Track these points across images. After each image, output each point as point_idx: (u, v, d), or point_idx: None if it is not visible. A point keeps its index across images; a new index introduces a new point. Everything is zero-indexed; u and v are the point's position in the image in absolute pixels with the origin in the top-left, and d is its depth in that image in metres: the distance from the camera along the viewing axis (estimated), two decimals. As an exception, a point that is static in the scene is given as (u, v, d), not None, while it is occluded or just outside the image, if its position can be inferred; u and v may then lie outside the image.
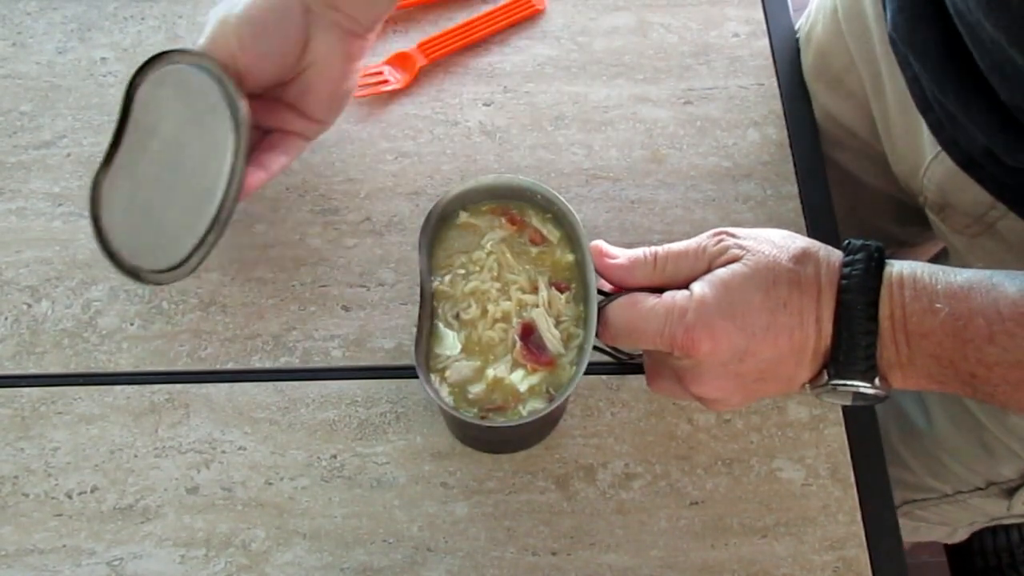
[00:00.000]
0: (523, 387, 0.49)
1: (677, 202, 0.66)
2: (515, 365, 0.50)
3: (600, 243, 0.50)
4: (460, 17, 0.74)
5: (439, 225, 0.53)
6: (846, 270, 0.45)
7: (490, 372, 0.50)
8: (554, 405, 0.48)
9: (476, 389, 0.50)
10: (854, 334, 0.44)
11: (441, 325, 0.51)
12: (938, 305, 0.43)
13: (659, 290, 0.48)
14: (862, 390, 0.45)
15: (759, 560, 0.55)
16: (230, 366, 0.60)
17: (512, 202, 0.55)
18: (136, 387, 0.59)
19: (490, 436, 0.55)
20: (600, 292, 0.50)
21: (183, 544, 0.55)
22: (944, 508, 0.76)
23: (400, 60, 0.71)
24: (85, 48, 0.73)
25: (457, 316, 0.51)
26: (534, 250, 0.54)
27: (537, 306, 0.51)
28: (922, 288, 0.44)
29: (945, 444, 0.70)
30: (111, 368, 0.60)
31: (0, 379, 0.60)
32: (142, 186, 0.57)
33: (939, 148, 0.58)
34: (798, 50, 0.73)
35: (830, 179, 0.67)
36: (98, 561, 0.54)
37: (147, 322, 0.62)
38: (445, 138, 0.69)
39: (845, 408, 0.58)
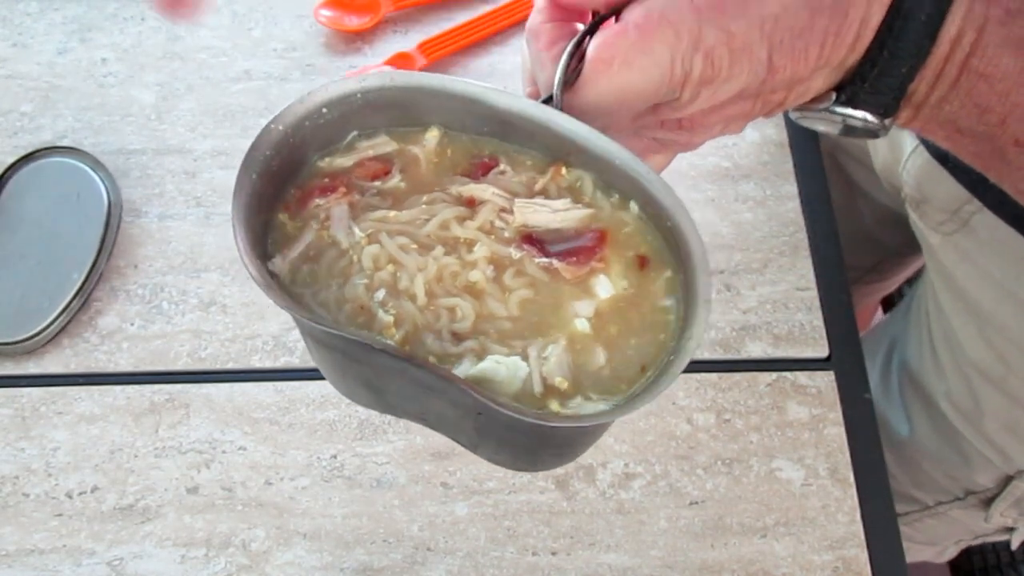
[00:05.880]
0: (626, 284, 0.34)
1: (677, 202, 0.66)
2: (583, 283, 0.34)
3: None
4: (460, 17, 0.74)
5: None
6: None
7: (580, 324, 0.34)
8: (690, 238, 0.32)
9: (600, 358, 0.33)
10: (899, 51, 0.32)
11: (467, 369, 0.33)
12: None
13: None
14: (863, 124, 0.35)
15: (759, 560, 0.55)
16: (230, 366, 0.60)
17: (300, 178, 0.36)
18: (136, 387, 0.59)
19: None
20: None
21: (183, 544, 0.55)
22: (927, 523, 0.76)
23: (400, 60, 0.71)
24: (85, 49, 0.73)
25: (456, 336, 0.34)
26: (394, 180, 0.36)
27: (506, 209, 0.35)
28: (1017, 10, 0.32)
29: (925, 452, 0.71)
30: (111, 368, 0.60)
31: (0, 379, 0.60)
32: (6, 264, 0.62)
33: (917, 141, 0.58)
34: None
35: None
36: (98, 561, 0.54)
37: (147, 322, 0.62)
38: (445, 138, 0.69)
39: (845, 408, 0.59)
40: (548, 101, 0.34)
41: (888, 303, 1.39)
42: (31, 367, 0.60)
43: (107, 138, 0.68)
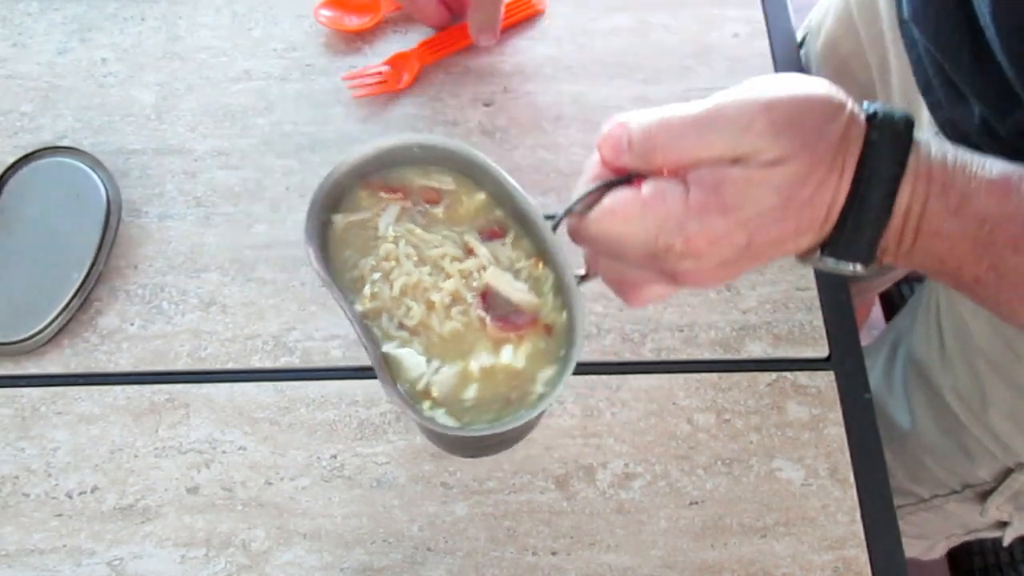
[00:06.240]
0: (521, 362, 0.44)
1: (677, 202, 0.66)
2: (497, 343, 0.44)
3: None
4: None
5: (324, 238, 0.46)
6: (868, 151, 0.39)
7: (474, 365, 0.44)
8: (571, 363, 0.42)
9: (471, 393, 0.44)
10: (862, 225, 0.40)
11: (392, 348, 0.44)
12: (967, 208, 0.39)
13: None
14: (851, 271, 0.42)
15: (759, 560, 0.55)
16: (230, 366, 0.60)
17: (383, 173, 0.48)
18: (136, 387, 0.59)
19: (508, 436, 0.47)
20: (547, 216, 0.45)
21: (183, 544, 0.55)
22: (921, 516, 0.76)
23: (400, 60, 0.71)
24: (85, 49, 0.73)
25: (401, 326, 0.45)
26: (439, 209, 0.47)
27: (484, 268, 0.45)
28: (951, 183, 0.39)
29: (926, 445, 0.71)
30: (111, 368, 0.60)
31: (0, 379, 0.60)
32: (5, 264, 0.62)
33: (936, 129, 0.58)
34: (798, 50, 0.73)
35: None
36: (98, 561, 0.54)
37: (147, 322, 0.62)
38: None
39: (845, 408, 0.59)
40: (554, 217, 0.44)
41: (886, 303, 1.40)
42: (31, 367, 0.60)
43: (107, 138, 0.68)
